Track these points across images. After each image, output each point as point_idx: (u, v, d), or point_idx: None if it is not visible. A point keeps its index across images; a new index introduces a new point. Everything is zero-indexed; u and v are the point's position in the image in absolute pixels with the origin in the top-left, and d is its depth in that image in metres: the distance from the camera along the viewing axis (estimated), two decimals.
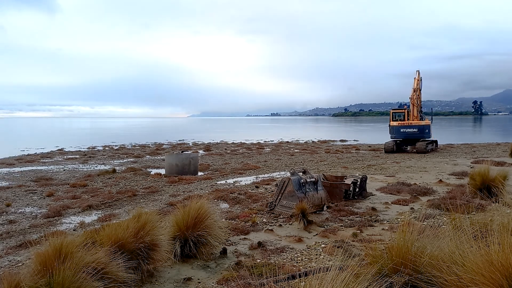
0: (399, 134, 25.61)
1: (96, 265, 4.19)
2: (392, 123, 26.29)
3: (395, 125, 25.95)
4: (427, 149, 24.14)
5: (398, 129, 25.62)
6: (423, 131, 25.32)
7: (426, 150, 23.91)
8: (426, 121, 26.64)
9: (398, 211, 9.08)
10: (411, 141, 25.45)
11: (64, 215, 9.93)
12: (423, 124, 25.69)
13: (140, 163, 22.08)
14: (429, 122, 26.74)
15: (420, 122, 25.68)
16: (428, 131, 25.89)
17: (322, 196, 9.09)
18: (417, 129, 25.20)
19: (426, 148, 24.16)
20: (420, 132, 25.22)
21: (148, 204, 10.99)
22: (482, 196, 8.96)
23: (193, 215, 5.95)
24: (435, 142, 27.04)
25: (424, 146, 24.13)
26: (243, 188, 12.96)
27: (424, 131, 25.40)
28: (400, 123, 25.83)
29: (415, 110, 26.04)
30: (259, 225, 8.04)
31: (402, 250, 4.02)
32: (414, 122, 25.57)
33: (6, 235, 8.18)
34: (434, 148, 26.52)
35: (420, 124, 25.47)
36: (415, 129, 25.24)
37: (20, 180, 15.88)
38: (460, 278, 3.32)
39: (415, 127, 25.29)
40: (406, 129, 25.39)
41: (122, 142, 40.80)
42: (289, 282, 4.45)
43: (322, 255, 6.20)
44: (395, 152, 24.54)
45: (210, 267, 5.79)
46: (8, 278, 3.89)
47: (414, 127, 25.28)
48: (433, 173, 14.82)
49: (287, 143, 37.78)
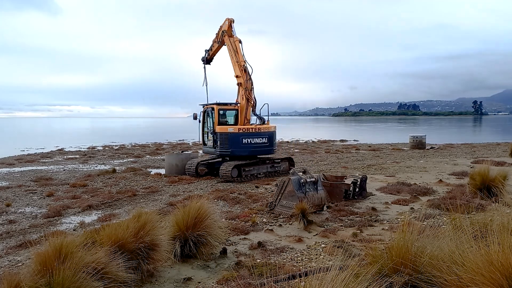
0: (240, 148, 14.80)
1: (96, 265, 4.19)
2: (223, 129, 14.97)
3: (231, 131, 14.78)
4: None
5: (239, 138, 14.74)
6: (272, 141, 15.59)
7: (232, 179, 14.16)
8: (274, 125, 16.09)
9: (398, 211, 9.08)
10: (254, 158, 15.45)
11: (64, 215, 9.93)
12: (273, 131, 15.76)
13: (140, 163, 22.07)
14: (275, 127, 16.25)
15: (270, 127, 15.67)
16: (275, 140, 16.01)
17: (322, 196, 9.09)
18: (266, 138, 15.27)
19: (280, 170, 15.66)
20: (269, 142, 15.42)
21: (148, 204, 10.99)
22: (482, 196, 8.96)
23: (193, 215, 5.96)
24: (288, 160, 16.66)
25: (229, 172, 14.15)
26: (243, 188, 12.97)
27: (273, 141, 15.70)
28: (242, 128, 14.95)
29: (250, 107, 15.74)
30: (259, 225, 8.04)
31: (402, 250, 4.02)
32: (263, 127, 15.45)
33: (6, 235, 8.18)
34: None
35: (270, 130, 15.53)
36: (264, 138, 15.21)
37: (20, 180, 15.88)
38: (460, 278, 3.32)
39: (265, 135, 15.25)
40: (253, 138, 14.95)
41: (122, 142, 40.79)
42: (289, 282, 4.45)
43: (322, 255, 6.20)
44: (201, 176, 15.40)
45: (210, 267, 5.79)
46: (8, 278, 3.89)
47: (263, 135, 15.20)
48: (433, 173, 14.83)
49: (287, 143, 37.77)
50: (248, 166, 15.03)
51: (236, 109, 15.84)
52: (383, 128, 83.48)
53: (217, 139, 15.09)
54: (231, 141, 14.85)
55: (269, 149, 15.65)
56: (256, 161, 15.46)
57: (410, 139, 29.02)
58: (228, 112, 16.00)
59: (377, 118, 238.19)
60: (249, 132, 15.05)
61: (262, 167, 15.56)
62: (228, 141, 14.86)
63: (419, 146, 27.97)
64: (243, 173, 14.70)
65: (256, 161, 15.47)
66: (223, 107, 15.65)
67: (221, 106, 15.58)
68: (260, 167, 15.49)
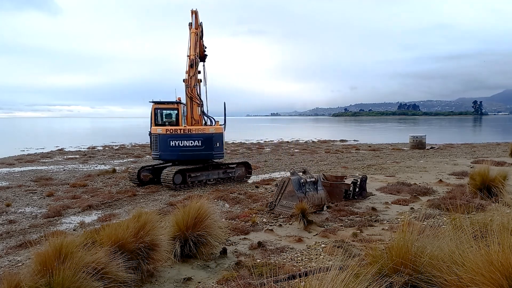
0: (168, 151, 13.68)
1: (96, 265, 4.20)
2: (154, 129, 14.03)
3: (159, 132, 13.76)
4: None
5: (166, 140, 13.60)
6: (210, 145, 13.88)
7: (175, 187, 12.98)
8: (218, 127, 14.48)
9: (398, 211, 9.08)
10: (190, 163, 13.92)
11: (64, 215, 9.93)
12: (213, 133, 14.00)
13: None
14: (221, 129, 14.51)
15: (206, 128, 14.07)
16: (220, 144, 14.21)
17: (322, 196, 9.09)
18: (200, 142, 13.72)
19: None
20: (206, 146, 13.80)
21: (148, 204, 10.99)
22: (482, 196, 8.97)
23: (193, 215, 5.96)
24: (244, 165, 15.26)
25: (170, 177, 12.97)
26: (243, 188, 12.97)
27: (213, 145, 13.92)
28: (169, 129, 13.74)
29: (196, 107, 14.47)
30: (259, 225, 8.04)
31: (402, 250, 4.02)
32: (195, 128, 13.94)
33: (6, 235, 8.18)
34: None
35: (205, 132, 13.90)
36: (197, 141, 13.71)
37: (20, 180, 15.88)
38: (460, 278, 3.32)
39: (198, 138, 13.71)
40: (181, 140, 13.64)
41: (122, 142, 40.79)
42: (289, 282, 4.45)
43: (322, 255, 6.20)
44: (145, 184, 13.96)
45: (210, 267, 5.79)
46: (8, 278, 3.89)
47: (195, 137, 13.71)
48: (433, 173, 14.83)
49: (287, 143, 37.77)
50: (195, 171, 13.66)
51: (176, 108, 14.26)
52: (383, 128, 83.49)
53: (152, 141, 14.15)
54: (160, 144, 13.69)
55: (206, 154, 13.80)
56: (204, 166, 14.02)
57: (410, 139, 29.03)
58: (166, 111, 14.49)
59: (377, 118, 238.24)
60: (177, 134, 13.56)
61: (213, 173, 14.17)
62: (158, 143, 13.75)
63: (419, 146, 27.96)
64: (189, 180, 13.37)
65: (204, 165, 14.02)
66: (160, 106, 14.25)
67: (158, 105, 14.23)
68: (210, 172, 14.08)
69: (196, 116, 14.41)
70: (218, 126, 14.55)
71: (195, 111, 14.40)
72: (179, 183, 13.11)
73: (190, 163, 13.83)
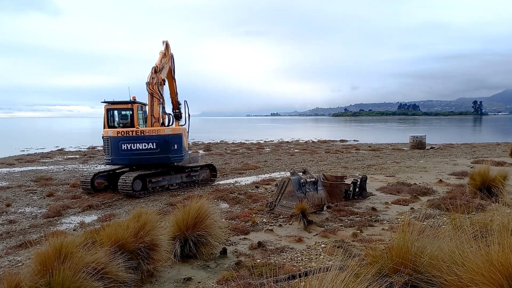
0: (119, 155, 12.63)
1: (96, 265, 4.20)
2: (105, 132, 12.99)
3: (110, 135, 12.70)
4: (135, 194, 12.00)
5: (118, 143, 12.53)
6: (167, 148, 12.77)
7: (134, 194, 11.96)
8: (175, 128, 13.86)
9: (398, 211, 9.08)
10: (145, 167, 12.88)
11: (64, 215, 9.94)
12: (169, 134, 12.89)
13: None
14: (181, 130, 13.67)
15: (161, 130, 12.89)
16: (178, 146, 13.09)
17: (322, 196, 9.10)
18: (155, 144, 12.63)
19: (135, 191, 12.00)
20: (162, 149, 12.69)
21: (148, 204, 11.00)
22: (482, 196, 8.97)
23: (193, 215, 5.97)
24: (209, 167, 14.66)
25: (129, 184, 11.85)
26: (243, 188, 12.97)
27: (170, 148, 12.83)
28: (120, 131, 12.62)
29: (156, 104, 13.39)
30: (259, 225, 8.04)
31: (402, 250, 4.02)
32: (149, 130, 12.78)
33: (6, 235, 8.19)
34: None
35: (160, 134, 12.74)
36: (151, 143, 12.61)
37: (20, 180, 15.89)
38: (460, 278, 3.32)
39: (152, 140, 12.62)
40: (134, 143, 12.53)
41: None
42: (289, 282, 4.45)
43: (322, 255, 6.20)
44: (99, 191, 12.69)
45: (210, 267, 5.79)
46: (8, 278, 3.89)
47: (149, 139, 12.60)
48: (433, 173, 14.83)
49: (287, 143, 37.76)
50: (156, 176, 12.73)
51: (130, 109, 13.22)
52: (383, 128, 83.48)
53: (104, 145, 13.06)
54: (111, 147, 12.64)
55: (162, 157, 12.69)
56: (166, 170, 13.11)
57: (410, 139, 29.02)
58: (120, 112, 13.49)
59: (377, 118, 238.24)
60: (129, 136, 12.48)
61: (175, 177, 13.34)
62: (109, 146, 12.71)
63: (419, 146, 27.96)
64: (149, 185, 12.46)
65: (165, 170, 13.10)
66: (112, 106, 13.23)
67: (111, 106, 13.20)
68: (172, 177, 13.23)
69: (156, 114, 13.35)
70: (176, 127, 13.91)
71: (155, 109, 13.31)
72: (138, 190, 12.17)
73: (145, 167, 12.81)
